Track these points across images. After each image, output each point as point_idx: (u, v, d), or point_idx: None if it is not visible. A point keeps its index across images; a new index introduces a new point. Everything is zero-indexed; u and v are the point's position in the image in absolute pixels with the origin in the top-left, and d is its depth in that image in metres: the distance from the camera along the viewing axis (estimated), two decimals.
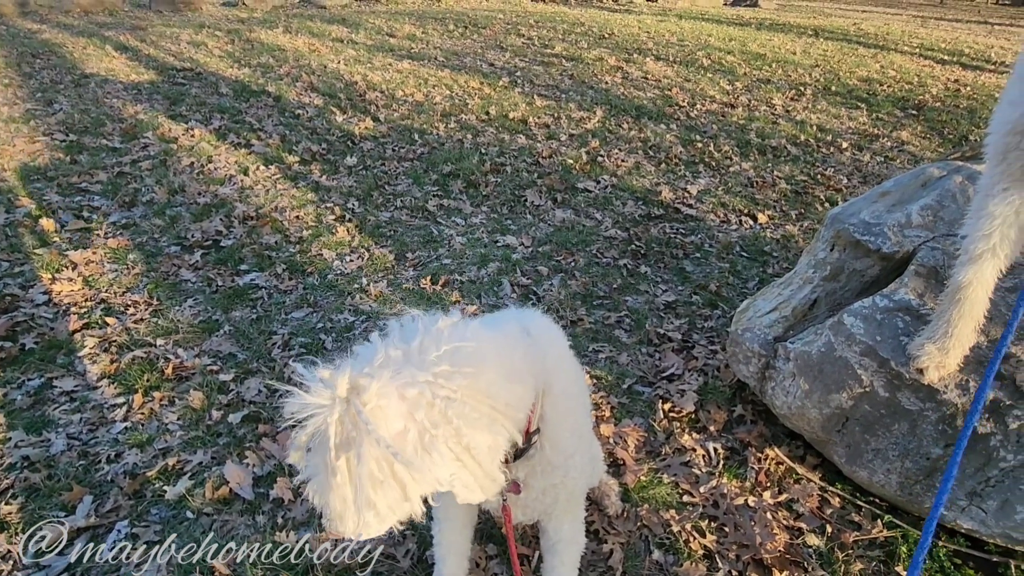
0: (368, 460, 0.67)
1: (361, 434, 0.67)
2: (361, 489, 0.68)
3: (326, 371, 0.69)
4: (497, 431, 0.77)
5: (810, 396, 1.47)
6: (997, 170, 1.05)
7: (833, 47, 8.32)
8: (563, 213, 3.18)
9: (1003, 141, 1.01)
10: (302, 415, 0.69)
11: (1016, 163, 1.00)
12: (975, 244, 1.12)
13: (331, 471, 0.68)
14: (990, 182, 1.08)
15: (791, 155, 4.20)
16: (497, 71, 6.12)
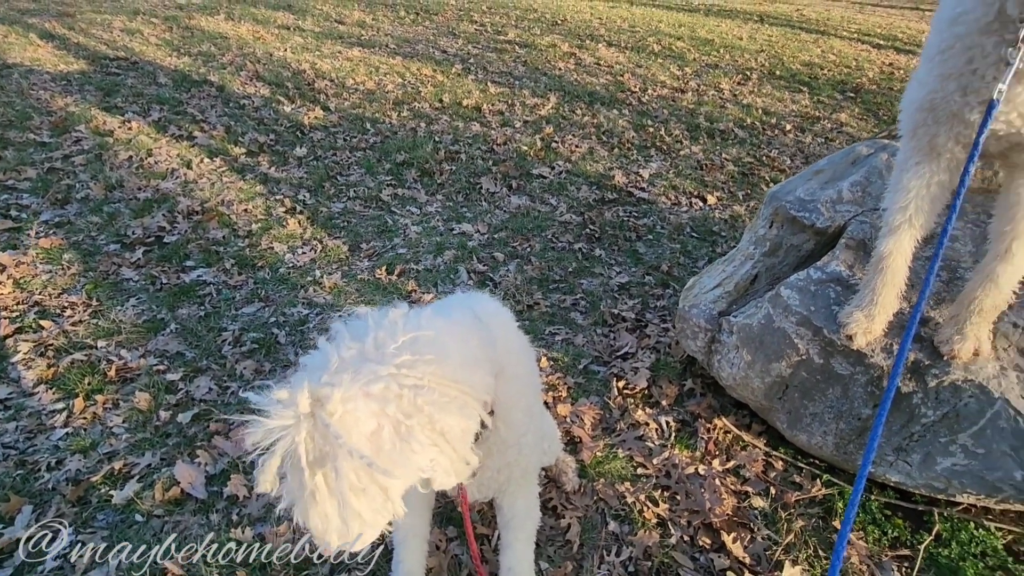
0: (346, 473, 0.66)
1: (334, 447, 0.65)
2: (345, 502, 0.67)
3: (283, 391, 0.67)
4: (468, 414, 0.78)
5: (752, 366, 1.54)
6: (909, 145, 1.12)
7: (777, 33, 8.58)
8: (518, 199, 3.20)
9: (913, 118, 1.08)
10: (268, 441, 0.66)
11: (924, 138, 1.07)
12: (893, 216, 1.19)
13: (310, 491, 0.66)
14: (904, 157, 1.15)
15: (738, 138, 4.33)
16: (450, 58, 6.04)
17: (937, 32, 1.01)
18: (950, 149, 1.05)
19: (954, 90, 0.98)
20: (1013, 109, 0.92)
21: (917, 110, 1.06)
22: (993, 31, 0.91)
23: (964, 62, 0.95)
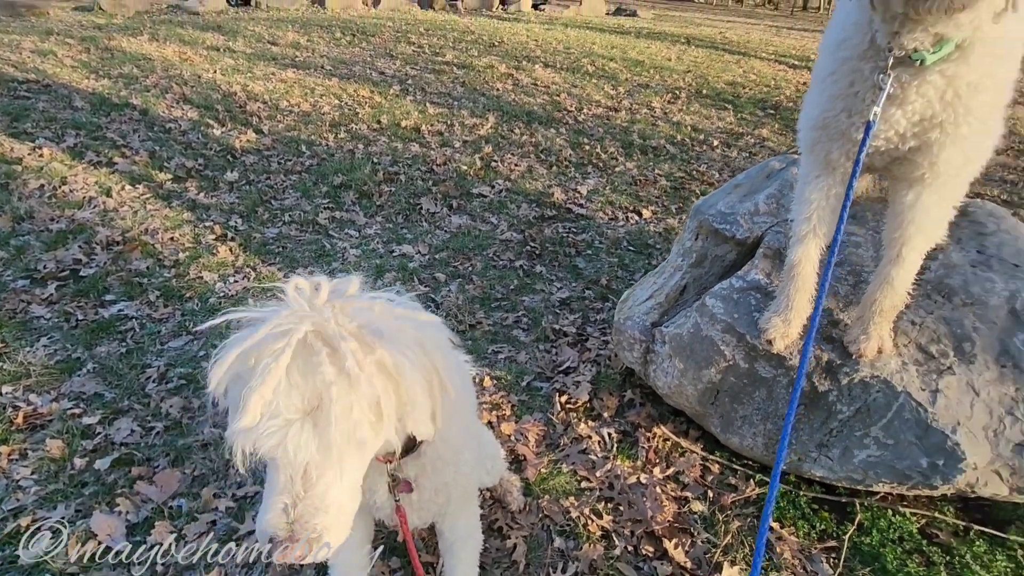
0: (361, 382, 0.65)
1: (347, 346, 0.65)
2: (358, 424, 0.66)
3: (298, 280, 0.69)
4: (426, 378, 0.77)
5: (685, 374, 1.60)
6: (808, 161, 1.21)
7: (703, 54, 9.07)
8: (459, 219, 3.21)
9: (809, 136, 1.17)
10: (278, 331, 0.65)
11: (820, 154, 1.16)
12: (799, 227, 1.28)
13: (326, 401, 0.64)
14: (804, 171, 1.24)
15: (670, 153, 4.52)
16: (388, 79, 6.04)
17: (824, 57, 1.10)
18: (843, 164, 1.15)
19: (841, 110, 1.07)
20: (890, 128, 1.01)
21: (811, 128, 1.15)
22: (869, 58, 1.00)
23: (847, 85, 1.04)
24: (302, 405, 0.65)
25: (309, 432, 0.66)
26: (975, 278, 1.44)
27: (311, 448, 0.66)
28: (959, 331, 1.37)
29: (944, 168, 1.04)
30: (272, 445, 0.65)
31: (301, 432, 0.66)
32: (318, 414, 0.66)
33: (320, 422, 0.66)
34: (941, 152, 1.02)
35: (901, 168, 1.11)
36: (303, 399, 0.65)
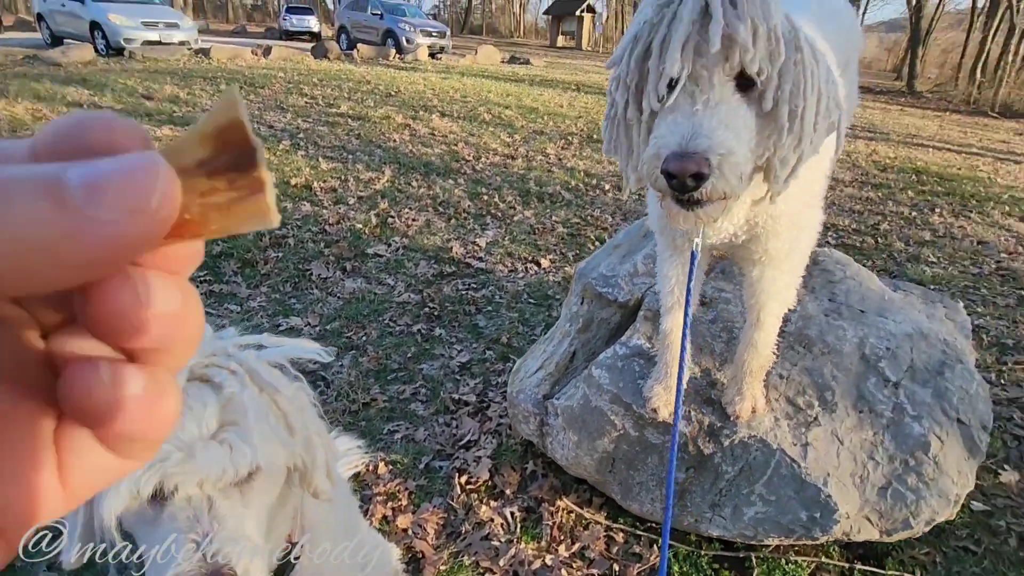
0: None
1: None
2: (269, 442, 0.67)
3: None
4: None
5: (580, 445, 1.57)
6: (660, 241, 1.26)
7: (592, 100, 9.65)
8: (353, 283, 3.07)
9: (656, 223, 1.22)
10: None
11: (668, 238, 1.21)
12: (665, 299, 1.32)
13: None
14: (660, 250, 1.28)
15: (565, 200, 4.67)
16: (277, 133, 5.82)
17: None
18: (688, 247, 1.19)
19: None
20: (717, 233, 1.07)
21: (658, 218, 1.19)
22: None
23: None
24: (199, 431, 0.63)
25: (216, 454, 0.63)
26: (829, 327, 1.55)
27: (222, 471, 0.61)
28: (820, 381, 1.45)
29: (775, 253, 1.12)
30: (173, 473, 0.61)
31: (206, 455, 0.62)
32: (225, 432, 0.64)
33: (230, 441, 0.64)
34: (769, 242, 1.10)
35: (740, 252, 1.17)
36: (200, 424, 0.63)
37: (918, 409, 1.39)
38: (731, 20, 0.74)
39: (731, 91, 0.79)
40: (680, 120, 0.76)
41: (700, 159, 0.73)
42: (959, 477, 1.32)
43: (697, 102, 0.76)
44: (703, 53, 0.76)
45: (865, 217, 4.86)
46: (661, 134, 0.78)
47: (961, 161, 7.69)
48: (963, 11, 26.34)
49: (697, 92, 0.77)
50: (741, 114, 0.79)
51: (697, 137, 0.74)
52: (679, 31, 0.75)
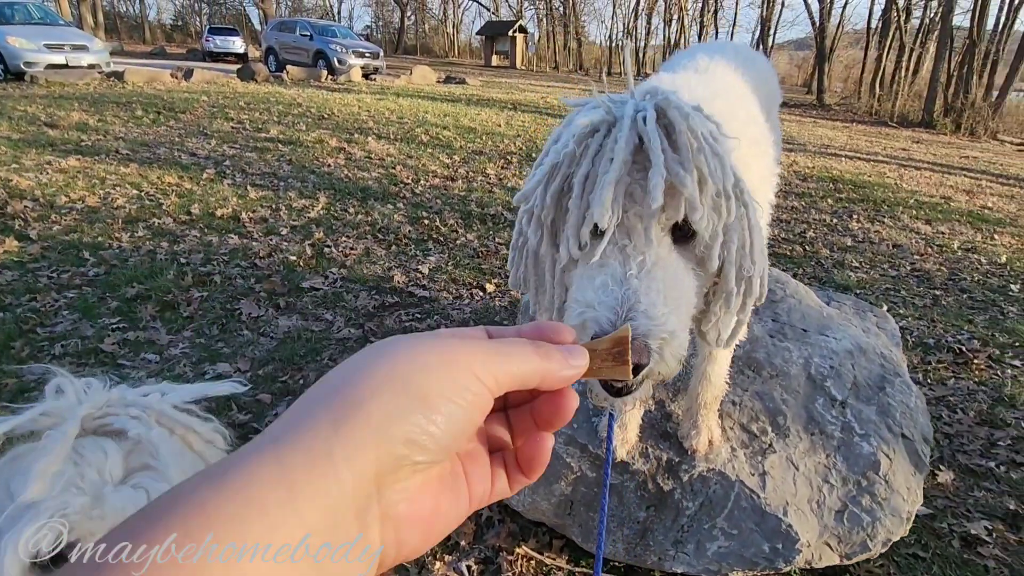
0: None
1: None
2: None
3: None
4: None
5: (536, 491, 1.49)
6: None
7: (529, 118, 9.76)
8: (288, 321, 2.88)
9: None
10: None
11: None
12: None
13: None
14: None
15: (508, 221, 4.64)
16: (201, 161, 5.50)
17: None
18: None
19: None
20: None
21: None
22: None
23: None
24: (102, 479, 0.63)
25: (129, 497, 0.63)
26: (775, 349, 1.56)
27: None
28: (771, 405, 1.45)
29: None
30: (78, 521, 0.59)
31: (118, 498, 0.62)
32: (137, 477, 0.65)
33: (144, 485, 0.64)
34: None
35: None
36: (103, 473, 0.64)
37: (865, 427, 1.41)
38: (673, 168, 0.65)
39: (668, 247, 0.69)
40: (611, 287, 0.64)
41: (639, 347, 0.61)
42: (908, 494, 1.34)
43: (631, 262, 0.66)
44: (636, 200, 0.66)
45: (792, 226, 5.11)
46: (588, 301, 0.65)
47: (870, 168, 8.30)
48: (860, 31, 28.81)
49: (629, 248, 0.66)
50: (681, 278, 0.69)
51: (634, 315, 0.62)
52: (610, 173, 0.65)
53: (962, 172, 8.84)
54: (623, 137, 0.65)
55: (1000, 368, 2.86)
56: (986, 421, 2.42)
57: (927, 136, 14.01)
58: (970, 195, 7.07)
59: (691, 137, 0.66)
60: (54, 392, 0.69)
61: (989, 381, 2.73)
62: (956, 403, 2.54)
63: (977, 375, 2.78)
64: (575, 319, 0.66)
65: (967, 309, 3.60)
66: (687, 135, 0.66)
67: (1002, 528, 1.82)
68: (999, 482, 2.05)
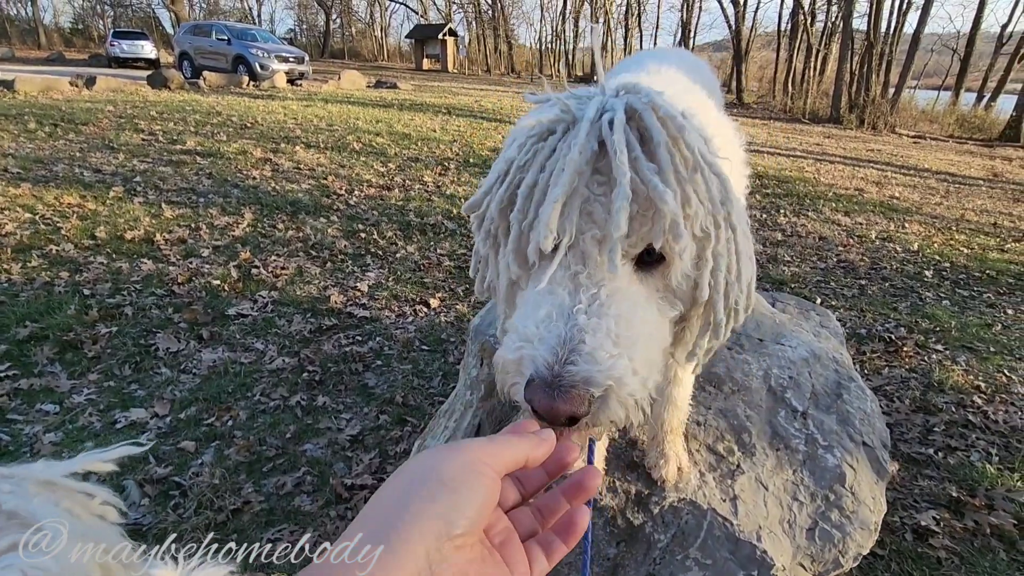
0: None
1: None
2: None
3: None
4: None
5: None
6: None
7: (464, 123, 9.62)
8: (212, 353, 2.62)
9: None
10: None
11: None
12: None
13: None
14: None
15: (448, 230, 4.50)
16: (106, 178, 5.01)
17: None
18: None
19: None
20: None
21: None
22: None
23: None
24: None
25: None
26: (735, 363, 1.52)
27: None
28: (736, 422, 1.40)
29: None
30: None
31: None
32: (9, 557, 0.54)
33: (19, 566, 0.54)
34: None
35: None
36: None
37: (828, 439, 1.39)
38: (651, 180, 0.54)
39: (629, 276, 0.59)
40: (555, 320, 0.55)
41: (576, 396, 0.53)
42: (874, 503, 1.33)
43: (581, 293, 0.56)
44: (595, 219, 0.56)
45: (757, 226, 5.27)
46: (528, 335, 0.57)
47: (791, 164, 8.75)
48: (772, 33, 30.61)
49: (583, 276, 0.57)
50: (642, 314, 0.59)
51: (575, 360, 0.53)
52: (558, 188, 0.55)
53: (870, 164, 9.50)
54: (578, 143, 0.55)
55: (927, 354, 3.02)
56: (921, 408, 2.53)
57: (836, 131, 15.01)
58: (879, 186, 7.58)
59: (674, 145, 0.56)
60: None
61: (919, 368, 2.87)
62: (893, 392, 2.64)
63: (907, 362, 2.92)
64: (512, 353, 0.58)
65: (891, 297, 3.81)
66: (669, 143, 0.56)
67: (948, 516, 1.88)
68: (939, 468, 2.13)
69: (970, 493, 1.98)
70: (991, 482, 2.03)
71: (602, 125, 0.56)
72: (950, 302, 3.78)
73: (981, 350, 3.10)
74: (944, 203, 6.93)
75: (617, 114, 0.56)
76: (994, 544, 1.77)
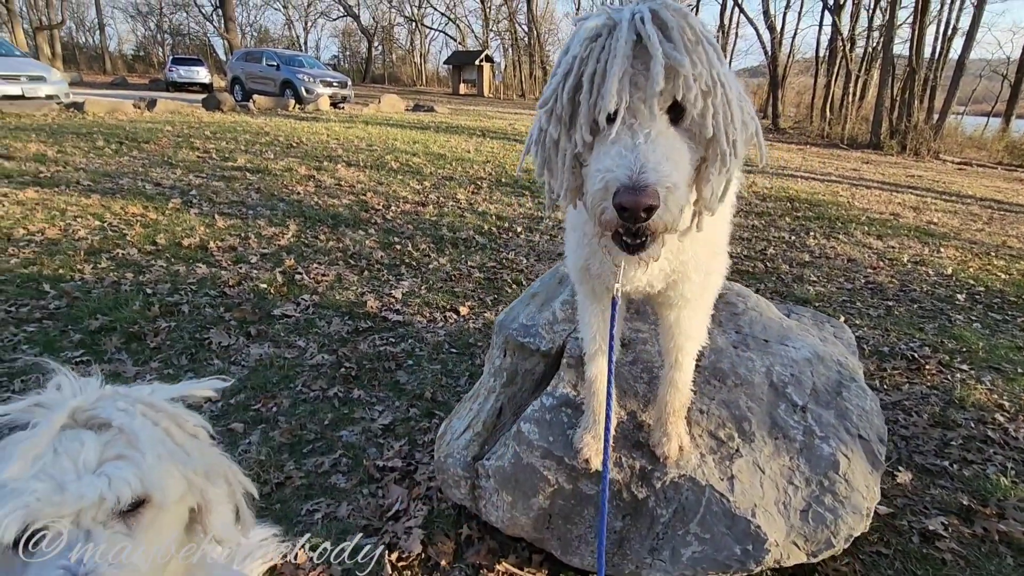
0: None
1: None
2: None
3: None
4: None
5: (515, 506, 1.51)
6: (581, 291, 1.28)
7: (498, 145, 9.94)
8: (259, 348, 2.85)
9: (577, 275, 1.24)
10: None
11: (588, 287, 1.23)
12: (588, 345, 1.33)
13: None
14: (580, 299, 1.30)
15: (479, 244, 4.70)
16: (166, 191, 5.42)
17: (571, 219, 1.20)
18: (607, 295, 1.22)
19: (597, 262, 1.14)
20: (632, 281, 1.11)
21: (576, 269, 1.21)
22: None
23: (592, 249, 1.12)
24: (75, 467, 0.67)
25: (90, 484, 0.67)
26: (739, 359, 1.63)
27: (98, 501, 0.65)
28: (737, 412, 1.51)
29: (690, 295, 1.18)
30: (38, 508, 0.64)
31: (78, 486, 0.66)
32: (107, 465, 0.68)
33: (107, 472, 0.68)
34: (683, 286, 1.15)
35: (658, 299, 1.22)
36: (76, 461, 0.67)
37: (825, 430, 1.48)
38: (671, 55, 0.77)
39: (667, 123, 0.81)
40: (625, 153, 0.77)
41: (652, 192, 0.75)
42: (867, 491, 1.41)
43: (639, 135, 0.78)
44: (640, 86, 0.78)
45: (753, 243, 5.31)
46: (607, 167, 0.78)
47: (824, 188, 8.70)
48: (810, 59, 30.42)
49: (636, 125, 0.79)
50: (678, 147, 0.82)
51: (645, 171, 0.75)
52: (614, 66, 0.76)
53: (909, 190, 9.35)
54: (623, 36, 0.77)
55: (950, 372, 3.02)
56: (939, 423, 2.54)
57: (875, 157, 14.78)
58: (917, 211, 7.47)
59: (684, 31, 0.79)
60: (55, 388, 0.73)
61: (940, 385, 2.88)
62: (911, 407, 2.67)
63: (929, 380, 2.93)
64: (598, 183, 0.79)
65: (918, 318, 3.80)
66: (680, 30, 0.79)
67: (957, 523, 1.91)
68: (953, 479, 2.16)
69: (982, 503, 2.01)
70: (1004, 493, 2.05)
71: (635, 23, 0.79)
72: (981, 324, 3.75)
73: (1008, 371, 3.07)
74: (986, 229, 6.79)
75: (646, 14, 0.79)
76: (1002, 550, 1.80)
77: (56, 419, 0.68)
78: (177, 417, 0.87)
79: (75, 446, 0.68)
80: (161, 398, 0.88)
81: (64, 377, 0.75)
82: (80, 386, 0.76)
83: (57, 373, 0.76)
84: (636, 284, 1.11)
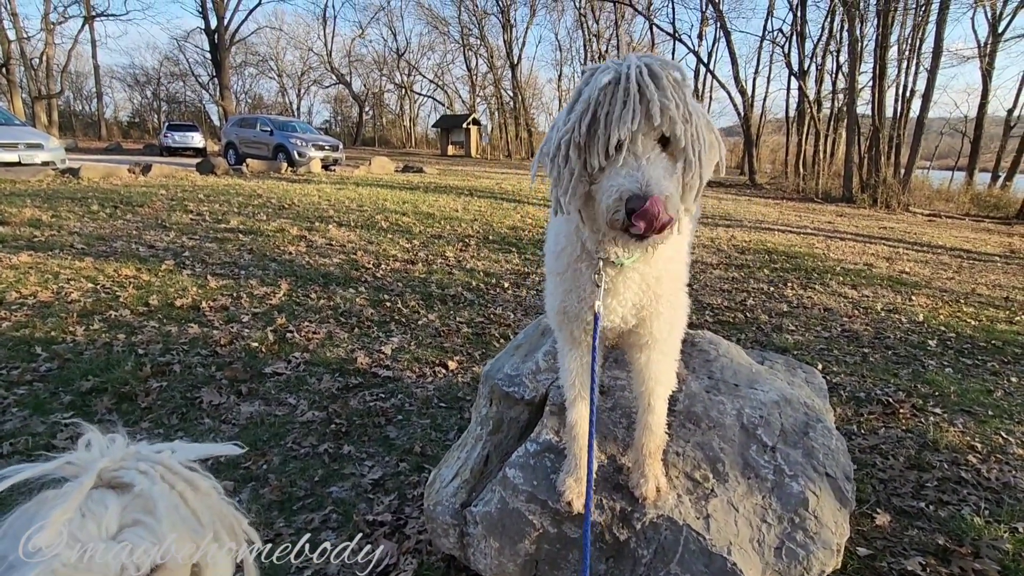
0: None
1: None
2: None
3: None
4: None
5: (503, 552, 1.56)
6: (559, 337, 1.39)
7: (485, 203, 10.27)
8: (250, 407, 2.89)
9: (555, 319, 1.36)
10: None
11: (567, 332, 1.35)
12: (567, 391, 1.43)
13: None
14: (560, 345, 1.41)
15: (468, 300, 4.82)
16: (159, 253, 5.54)
17: (550, 260, 1.33)
18: (585, 339, 1.34)
19: (574, 300, 1.27)
20: (613, 315, 1.23)
21: (555, 313, 1.34)
22: (584, 259, 1.22)
23: (574, 281, 1.25)
24: (99, 532, 0.67)
25: (114, 553, 0.67)
26: (711, 403, 1.73)
27: (119, 570, 0.65)
28: (711, 454, 1.60)
29: (659, 334, 1.30)
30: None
31: (103, 554, 0.66)
32: (127, 532, 0.69)
33: (130, 540, 0.69)
34: (653, 324, 1.28)
35: (630, 338, 1.33)
36: (99, 525, 0.68)
37: (794, 469, 1.56)
38: (662, 100, 1.00)
39: (659, 150, 1.04)
40: (633, 172, 1.00)
41: (658, 198, 0.97)
42: (836, 527, 1.48)
43: (641, 159, 1.01)
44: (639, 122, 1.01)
45: (733, 295, 5.50)
46: (620, 183, 1.00)
47: (800, 240, 9.05)
48: (781, 119, 32.10)
49: (638, 151, 1.02)
50: (668, 166, 1.05)
51: (650, 184, 0.98)
52: (628, 109, 1.00)
53: (881, 241, 9.73)
54: (630, 86, 1.01)
55: (924, 416, 3.12)
56: (915, 465, 2.62)
57: (849, 210, 15.40)
58: (890, 261, 7.77)
59: (670, 80, 1.03)
60: (84, 446, 0.76)
61: (915, 428, 2.98)
62: (887, 450, 2.75)
63: (904, 423, 3.03)
64: (613, 195, 1.01)
65: (892, 364, 3.93)
66: (667, 78, 1.02)
67: (934, 562, 1.96)
68: (930, 520, 2.22)
69: (957, 542, 2.06)
70: (978, 532, 2.10)
71: (637, 76, 1.01)
72: (953, 369, 3.89)
73: (979, 413, 3.18)
74: (956, 278, 7.06)
75: (644, 68, 1.01)
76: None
77: (86, 482, 0.70)
78: (192, 481, 0.86)
79: (100, 509, 0.70)
80: (181, 459, 0.87)
81: (94, 435, 0.79)
82: (107, 444, 0.80)
83: (87, 431, 0.80)
84: (612, 318, 1.23)
